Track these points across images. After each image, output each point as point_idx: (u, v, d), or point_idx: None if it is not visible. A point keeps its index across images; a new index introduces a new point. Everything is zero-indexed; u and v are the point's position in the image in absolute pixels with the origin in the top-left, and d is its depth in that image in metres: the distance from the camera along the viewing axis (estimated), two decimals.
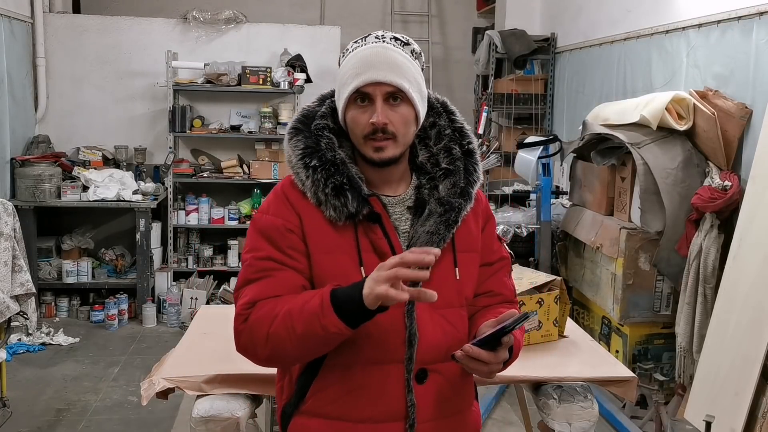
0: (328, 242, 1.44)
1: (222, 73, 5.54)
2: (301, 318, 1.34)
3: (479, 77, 6.12)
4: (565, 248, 4.51)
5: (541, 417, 2.21)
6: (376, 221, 1.45)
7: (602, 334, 4.00)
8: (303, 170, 1.46)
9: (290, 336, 1.36)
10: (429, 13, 7.18)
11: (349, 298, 1.32)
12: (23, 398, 3.89)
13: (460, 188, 1.51)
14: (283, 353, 1.39)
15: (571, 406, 2.11)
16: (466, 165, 1.54)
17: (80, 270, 5.37)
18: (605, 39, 4.89)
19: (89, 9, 6.54)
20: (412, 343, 1.44)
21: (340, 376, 1.45)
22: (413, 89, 1.45)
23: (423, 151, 1.56)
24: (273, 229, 1.45)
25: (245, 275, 1.46)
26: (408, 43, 1.49)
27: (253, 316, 1.40)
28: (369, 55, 1.44)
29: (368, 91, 1.42)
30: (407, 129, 1.46)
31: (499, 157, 5.78)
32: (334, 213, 1.43)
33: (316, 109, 1.53)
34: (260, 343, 1.39)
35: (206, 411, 2.01)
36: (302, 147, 1.47)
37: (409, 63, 1.46)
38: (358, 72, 1.43)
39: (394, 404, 1.44)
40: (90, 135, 5.77)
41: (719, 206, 3.26)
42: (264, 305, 1.40)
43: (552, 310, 2.48)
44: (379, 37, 1.47)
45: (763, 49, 3.24)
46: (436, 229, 1.47)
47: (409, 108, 1.45)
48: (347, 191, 1.43)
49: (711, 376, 3.16)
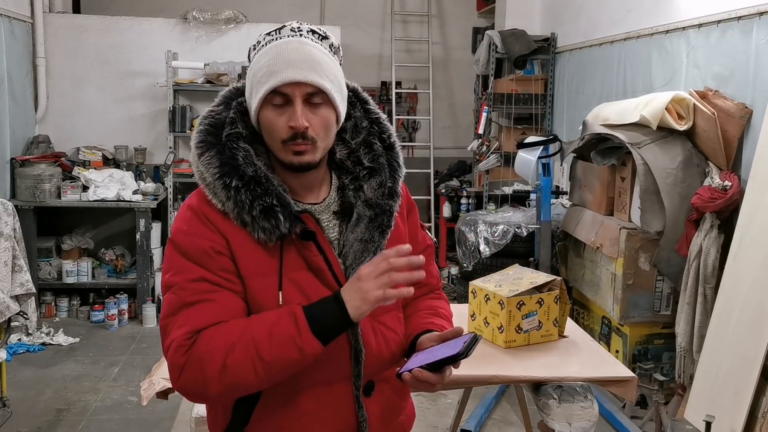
0: (259, 263, 1.31)
1: (222, 73, 5.54)
2: (271, 343, 1.24)
3: (479, 77, 6.13)
4: (565, 248, 4.51)
5: (541, 417, 2.21)
6: (311, 239, 1.33)
7: (602, 334, 4.00)
8: (223, 191, 1.30)
9: (255, 365, 1.24)
10: (429, 13, 7.18)
11: (326, 314, 1.26)
12: (23, 398, 3.89)
13: (387, 188, 1.41)
14: (241, 385, 1.26)
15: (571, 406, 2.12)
16: (389, 161, 1.44)
17: (80, 270, 5.37)
18: (605, 39, 4.89)
19: (89, 9, 6.54)
20: (358, 359, 1.36)
21: (285, 402, 1.35)
22: (334, 89, 1.34)
23: (341, 148, 1.44)
24: (198, 251, 1.30)
25: (180, 299, 1.28)
26: (326, 37, 1.37)
27: (200, 348, 1.24)
28: (286, 50, 1.31)
29: (286, 91, 1.29)
30: (328, 133, 1.35)
31: (499, 157, 5.78)
32: (263, 235, 1.30)
33: (223, 115, 1.37)
34: (213, 378, 1.24)
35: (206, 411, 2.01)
36: (218, 164, 1.31)
37: (329, 60, 1.35)
38: (274, 69, 1.30)
39: (345, 422, 1.38)
40: (90, 135, 5.77)
41: (719, 206, 3.26)
42: (212, 333, 1.25)
43: (552, 310, 2.48)
44: (295, 29, 1.35)
45: (763, 49, 3.24)
46: (369, 236, 1.38)
47: (330, 110, 1.34)
48: (277, 212, 1.30)
49: (711, 376, 3.16)
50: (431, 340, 1.37)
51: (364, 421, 1.38)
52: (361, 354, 1.36)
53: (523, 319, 2.42)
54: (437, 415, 3.76)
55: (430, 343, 1.37)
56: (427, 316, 1.50)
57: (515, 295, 2.43)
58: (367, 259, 1.37)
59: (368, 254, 1.37)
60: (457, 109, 7.24)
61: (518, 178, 5.29)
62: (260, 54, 1.34)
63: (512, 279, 2.59)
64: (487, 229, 4.59)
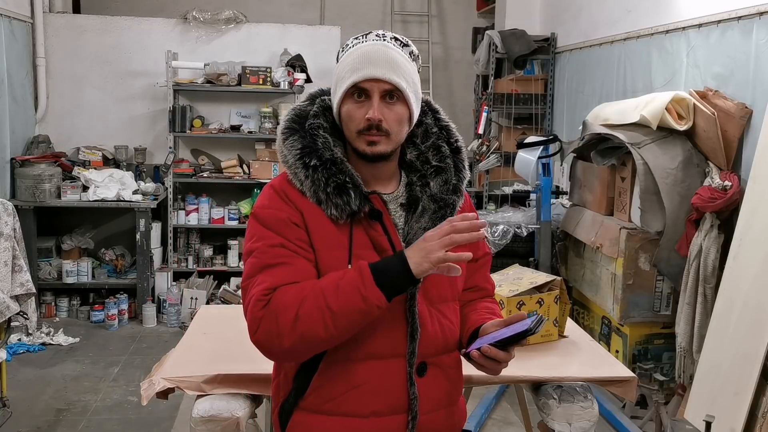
0: (331, 238, 1.44)
1: (222, 73, 5.54)
2: (338, 293, 1.35)
3: (479, 77, 6.13)
4: (565, 248, 4.51)
5: (541, 417, 2.20)
6: (377, 218, 1.46)
7: (602, 334, 4.00)
8: (302, 170, 1.45)
9: (324, 315, 1.34)
10: (429, 13, 7.18)
11: (389, 269, 1.36)
12: (23, 398, 3.89)
13: (452, 185, 1.54)
14: (312, 336, 1.36)
15: (571, 406, 2.11)
16: (455, 162, 1.57)
17: (80, 270, 5.37)
18: (605, 39, 4.89)
19: (89, 9, 6.54)
20: (414, 337, 1.46)
21: (342, 372, 1.45)
22: (410, 89, 1.47)
23: (411, 150, 1.57)
24: (278, 221, 1.44)
25: (261, 261, 1.42)
26: (407, 45, 1.51)
27: (276, 301, 1.37)
28: (369, 51, 1.45)
29: (366, 86, 1.44)
30: (401, 128, 1.48)
31: (499, 157, 5.78)
32: (335, 211, 1.43)
33: (307, 109, 1.53)
34: (286, 329, 1.35)
35: (206, 411, 2.01)
36: (299, 147, 1.47)
37: (407, 63, 1.49)
38: (357, 67, 1.44)
39: (397, 398, 1.46)
40: (90, 135, 5.77)
41: (719, 206, 3.26)
42: (288, 290, 1.38)
43: (552, 310, 2.48)
44: (380, 35, 1.49)
45: (763, 49, 3.24)
46: (432, 225, 1.48)
47: (404, 107, 1.47)
48: (349, 189, 1.43)
49: (711, 376, 3.16)
50: (495, 326, 1.47)
51: (414, 399, 1.47)
52: (416, 332, 1.46)
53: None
54: None
55: (494, 328, 1.47)
56: (485, 313, 1.60)
57: (515, 295, 2.43)
58: None
59: None
60: (457, 109, 7.24)
61: (518, 178, 5.30)
62: (346, 54, 1.49)
63: (512, 279, 2.59)
64: (487, 229, 4.59)
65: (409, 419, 1.47)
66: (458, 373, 1.60)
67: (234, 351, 2.23)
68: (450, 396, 1.56)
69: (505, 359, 1.41)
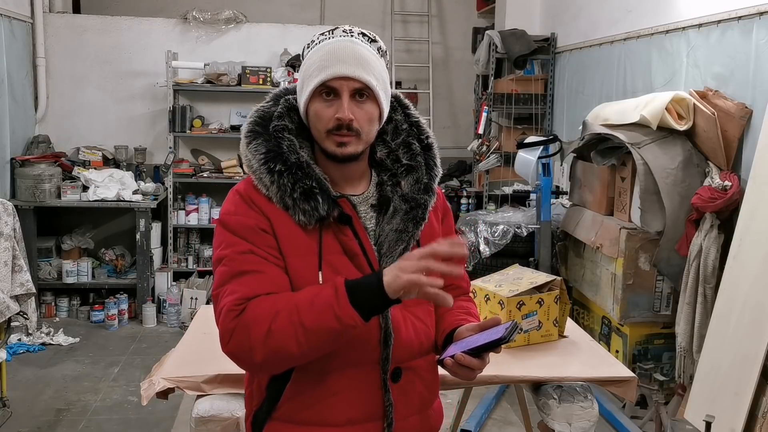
0: (300, 244, 1.40)
1: (222, 73, 5.54)
2: (312, 311, 1.29)
3: (479, 77, 6.13)
4: (565, 248, 4.51)
5: (541, 417, 2.21)
6: (347, 223, 1.42)
7: (602, 334, 4.00)
8: (267, 175, 1.40)
9: (297, 332, 1.29)
10: (429, 13, 7.17)
11: (365, 288, 1.30)
12: (23, 398, 3.89)
13: (423, 184, 1.50)
14: (284, 353, 1.31)
15: (571, 406, 2.12)
16: (426, 160, 1.52)
17: (80, 270, 5.37)
18: (605, 39, 4.89)
19: (89, 9, 6.54)
20: (387, 343, 1.43)
21: (316, 381, 1.42)
22: (380, 87, 1.42)
23: (381, 147, 1.53)
24: (246, 228, 1.39)
25: (231, 269, 1.37)
26: (375, 40, 1.46)
27: (248, 314, 1.32)
28: (337, 48, 1.41)
29: (335, 85, 1.39)
30: (371, 127, 1.43)
31: (499, 157, 5.78)
32: (303, 217, 1.39)
33: (271, 110, 1.49)
34: (258, 342, 1.30)
35: (206, 411, 2.01)
36: (264, 151, 1.42)
37: (376, 60, 1.44)
38: (325, 65, 1.39)
39: (372, 405, 1.44)
40: (90, 135, 5.77)
41: (719, 206, 3.26)
42: (260, 302, 1.33)
43: (552, 310, 2.48)
44: (347, 31, 1.44)
45: (763, 49, 3.24)
46: (404, 227, 1.46)
47: (374, 106, 1.43)
48: (317, 194, 1.39)
49: (711, 376, 3.16)
50: (470, 330, 1.43)
51: (390, 406, 1.44)
52: (390, 338, 1.43)
53: (523, 319, 2.42)
54: None
55: (468, 332, 1.43)
56: (461, 314, 1.56)
57: (515, 295, 2.43)
58: (400, 248, 1.46)
59: (402, 243, 1.46)
60: (457, 109, 7.24)
61: (518, 178, 5.29)
62: (313, 51, 1.44)
63: (512, 279, 2.59)
64: (487, 229, 4.59)
65: (385, 426, 1.44)
66: (434, 375, 1.56)
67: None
68: (425, 400, 1.53)
69: (479, 367, 1.37)
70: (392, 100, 1.53)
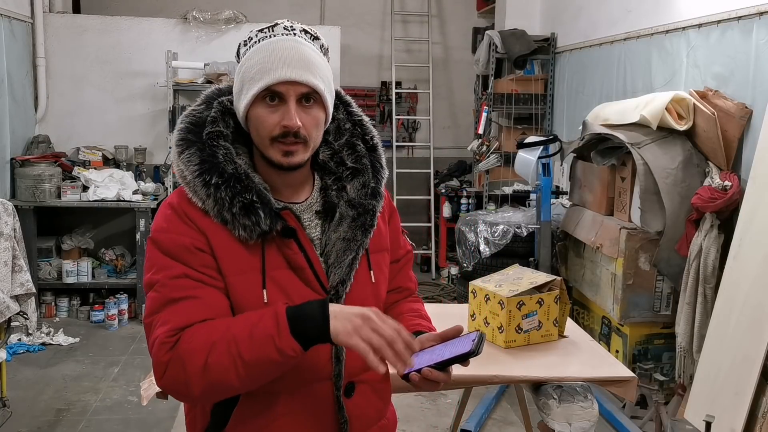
0: (241, 261, 1.30)
1: (222, 73, 5.54)
2: (252, 342, 1.20)
3: (479, 77, 6.13)
4: (565, 248, 4.51)
5: (541, 417, 2.20)
6: (291, 236, 1.32)
7: (602, 334, 4.00)
8: (202, 188, 1.29)
9: (236, 364, 1.20)
10: (429, 13, 7.18)
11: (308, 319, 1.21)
12: (23, 398, 3.89)
13: (370, 188, 1.42)
14: (223, 385, 1.22)
15: (571, 406, 2.11)
16: (372, 162, 1.44)
17: (80, 270, 5.37)
18: (605, 39, 4.89)
19: (89, 9, 6.54)
20: (339, 358, 1.35)
21: (265, 403, 1.33)
22: (327, 90, 1.34)
23: (324, 149, 1.43)
24: (180, 248, 1.28)
25: (162, 296, 1.26)
26: (317, 38, 1.37)
27: (182, 346, 1.22)
28: (281, 48, 1.30)
29: (281, 90, 1.29)
30: (318, 132, 1.35)
31: (499, 157, 5.78)
32: (244, 232, 1.28)
33: (204, 114, 1.37)
34: (195, 377, 1.21)
35: None
36: (197, 162, 1.31)
37: (322, 61, 1.35)
38: (269, 67, 1.29)
39: (326, 424, 1.36)
40: (90, 135, 5.77)
41: (719, 206, 3.26)
42: (195, 332, 1.23)
43: (552, 310, 2.48)
44: (288, 28, 1.34)
45: (763, 49, 3.24)
46: (352, 235, 1.38)
47: (321, 110, 1.34)
48: (258, 208, 1.29)
49: (711, 376, 3.16)
50: (431, 340, 1.33)
51: (345, 423, 1.37)
52: (342, 353, 1.35)
53: (523, 319, 2.42)
54: (437, 415, 3.76)
55: (429, 342, 1.33)
56: (413, 318, 1.50)
57: (515, 295, 2.43)
58: (349, 258, 1.37)
59: (350, 252, 1.37)
60: (457, 109, 7.24)
61: (518, 178, 5.30)
62: (253, 51, 1.33)
63: (512, 279, 2.59)
64: (487, 229, 4.59)
65: None
66: (386, 384, 1.49)
67: None
68: (380, 411, 1.47)
69: (445, 380, 1.27)
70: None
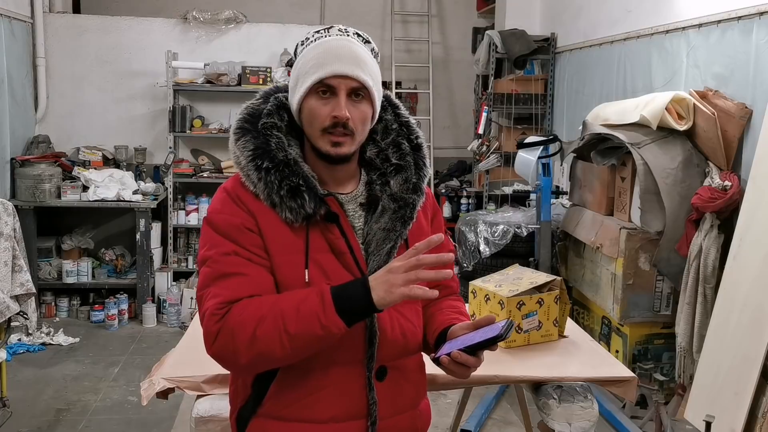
0: (286, 242, 1.40)
1: (222, 73, 5.54)
2: (298, 318, 1.31)
3: (479, 77, 6.13)
4: (565, 248, 4.51)
5: (541, 417, 2.21)
6: (334, 221, 1.42)
7: (602, 334, 4.00)
8: (254, 172, 1.40)
9: (281, 338, 1.31)
10: (429, 13, 7.18)
11: (352, 297, 1.31)
12: (23, 398, 3.89)
13: (412, 183, 1.50)
14: (268, 357, 1.33)
15: (571, 406, 2.12)
16: (416, 160, 1.53)
17: (80, 270, 5.37)
18: (605, 39, 4.89)
19: (89, 9, 6.54)
20: (372, 342, 1.43)
21: (300, 378, 1.42)
22: (375, 87, 1.44)
23: (371, 147, 1.53)
24: (231, 227, 1.39)
25: (215, 270, 1.38)
26: (369, 42, 1.48)
27: (233, 318, 1.33)
28: (335, 47, 1.41)
29: (332, 83, 1.39)
30: (364, 127, 1.45)
31: (499, 157, 5.78)
32: (290, 215, 1.39)
33: (261, 107, 1.48)
34: (243, 347, 1.32)
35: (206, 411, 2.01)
36: (252, 148, 1.42)
37: (371, 60, 1.45)
38: (323, 62, 1.39)
39: (356, 403, 1.43)
40: (90, 135, 5.77)
41: (719, 206, 3.26)
42: (246, 305, 1.34)
43: (552, 310, 2.48)
44: (343, 30, 1.45)
45: (763, 49, 3.24)
46: (392, 225, 1.46)
47: (369, 106, 1.44)
48: (303, 192, 1.39)
49: (711, 376, 3.16)
50: (464, 329, 1.43)
51: (374, 404, 1.44)
52: (375, 336, 1.43)
53: (523, 319, 2.42)
54: (437, 415, 3.76)
55: (462, 331, 1.43)
56: (452, 313, 1.56)
57: (515, 295, 2.43)
58: (388, 246, 1.45)
59: (389, 242, 1.45)
60: (457, 109, 7.24)
61: (518, 178, 5.29)
62: (309, 48, 1.44)
63: (512, 279, 2.59)
64: (487, 229, 4.59)
65: (369, 425, 1.44)
66: (420, 376, 1.57)
67: None
68: (411, 400, 1.53)
69: (475, 365, 1.37)
70: (383, 99, 1.53)
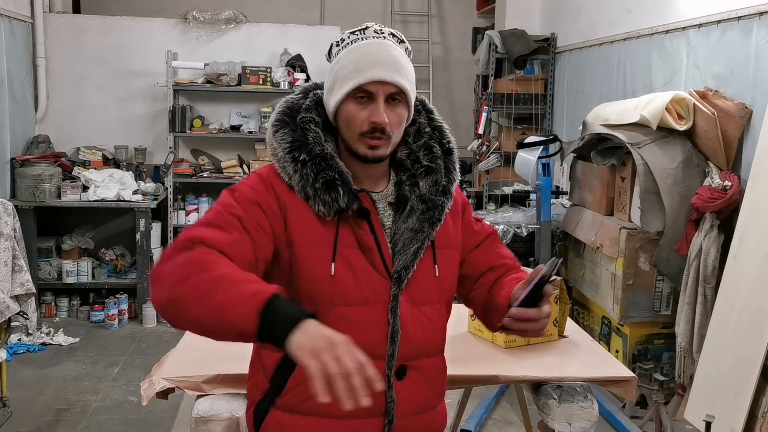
0: (315, 235, 1.42)
1: (222, 73, 5.54)
2: (228, 293, 1.21)
3: (479, 77, 6.13)
4: (565, 248, 4.51)
5: (541, 417, 2.20)
6: (365, 217, 1.44)
7: (602, 334, 4.00)
8: (291, 164, 1.43)
9: (203, 298, 1.22)
10: (429, 13, 7.18)
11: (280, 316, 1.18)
12: (23, 398, 3.89)
13: (441, 186, 1.52)
14: (182, 307, 1.25)
15: (571, 406, 2.11)
16: (446, 164, 1.55)
17: (80, 270, 5.37)
18: (605, 39, 4.89)
19: (89, 9, 6.54)
20: (394, 339, 1.44)
21: None
22: (411, 91, 1.46)
23: (402, 148, 1.55)
24: (247, 199, 1.41)
25: (211, 218, 1.37)
26: (403, 41, 1.49)
27: (191, 253, 1.28)
28: (373, 51, 1.43)
29: (371, 89, 1.41)
30: (400, 129, 1.47)
31: (499, 157, 5.78)
32: (323, 208, 1.41)
33: (300, 102, 1.50)
34: (173, 280, 1.26)
35: (206, 411, 2.01)
36: (289, 140, 1.45)
37: (407, 63, 1.47)
38: (361, 67, 1.41)
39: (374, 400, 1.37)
40: (90, 135, 5.77)
41: (719, 206, 3.26)
42: (206, 253, 1.29)
43: (552, 310, 2.48)
44: (378, 31, 1.46)
45: (763, 49, 3.24)
46: (419, 226, 1.47)
47: (405, 109, 1.46)
48: (338, 186, 1.41)
49: (711, 376, 3.16)
50: (520, 289, 1.44)
51: (392, 402, 1.45)
52: (397, 335, 1.44)
53: None
54: None
55: (519, 291, 1.44)
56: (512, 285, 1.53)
57: None
58: (415, 246, 1.46)
59: (416, 242, 1.47)
60: (457, 109, 7.24)
61: (518, 178, 5.30)
62: (346, 51, 1.46)
63: None
64: None
65: (385, 423, 1.45)
66: (440, 378, 1.57)
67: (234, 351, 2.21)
68: (429, 401, 1.54)
69: (537, 316, 1.37)
70: (416, 102, 1.55)
